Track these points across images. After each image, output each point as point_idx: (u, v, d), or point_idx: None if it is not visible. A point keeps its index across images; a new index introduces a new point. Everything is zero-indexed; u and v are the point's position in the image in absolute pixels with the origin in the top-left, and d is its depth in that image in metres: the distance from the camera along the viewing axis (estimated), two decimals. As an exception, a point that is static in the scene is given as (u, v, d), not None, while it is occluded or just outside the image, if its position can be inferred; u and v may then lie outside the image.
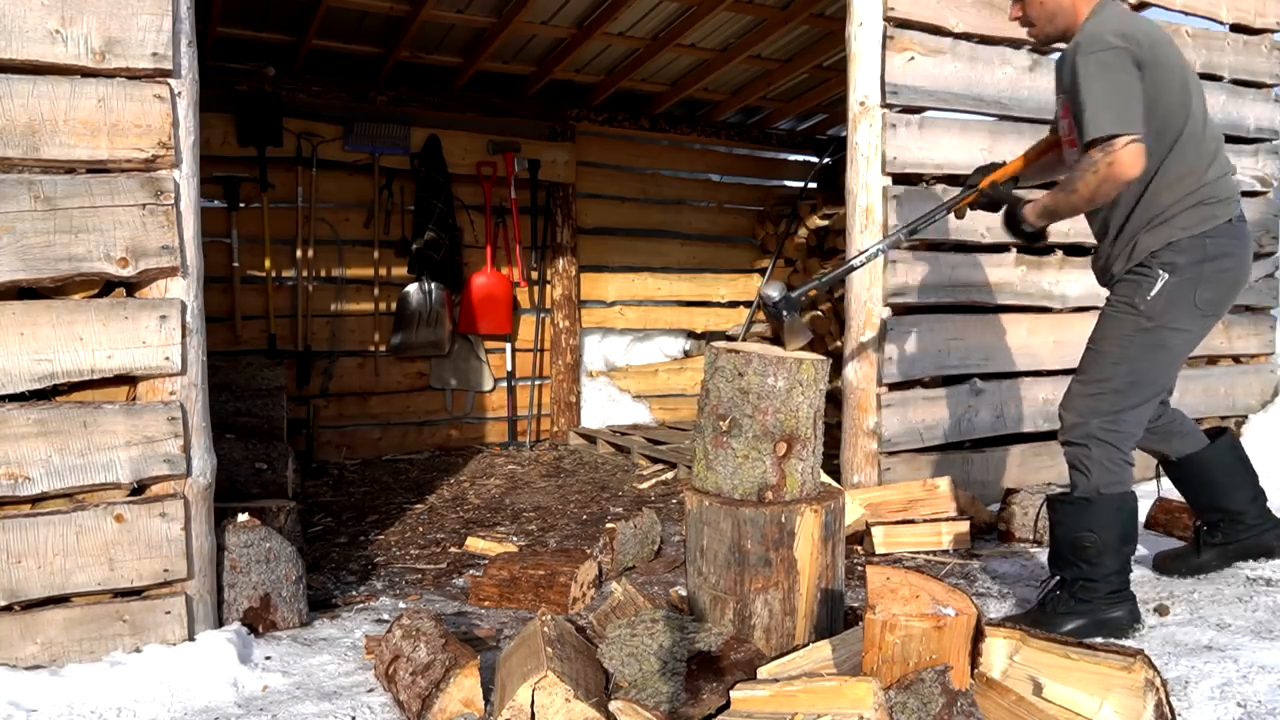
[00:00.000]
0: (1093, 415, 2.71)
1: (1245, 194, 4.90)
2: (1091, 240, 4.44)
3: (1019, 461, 4.35)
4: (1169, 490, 3.38)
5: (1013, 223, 2.84)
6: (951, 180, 4.15)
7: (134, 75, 2.50)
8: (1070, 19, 2.72)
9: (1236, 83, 4.79)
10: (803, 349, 2.61)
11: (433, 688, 2.19)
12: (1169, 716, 1.91)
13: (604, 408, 6.80)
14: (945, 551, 3.59)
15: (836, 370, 4.01)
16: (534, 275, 6.55)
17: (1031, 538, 3.66)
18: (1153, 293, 2.64)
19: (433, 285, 6.03)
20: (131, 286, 2.59)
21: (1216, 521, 3.15)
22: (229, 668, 2.49)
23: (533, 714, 2.02)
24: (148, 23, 2.49)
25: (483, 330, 6.24)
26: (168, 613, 2.60)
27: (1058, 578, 2.77)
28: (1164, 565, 3.24)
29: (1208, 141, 2.70)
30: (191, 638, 2.62)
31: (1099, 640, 2.30)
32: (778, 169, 7.60)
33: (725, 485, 2.35)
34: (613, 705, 2.04)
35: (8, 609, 2.46)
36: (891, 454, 4.02)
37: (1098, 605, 2.70)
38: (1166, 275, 2.64)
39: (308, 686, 2.47)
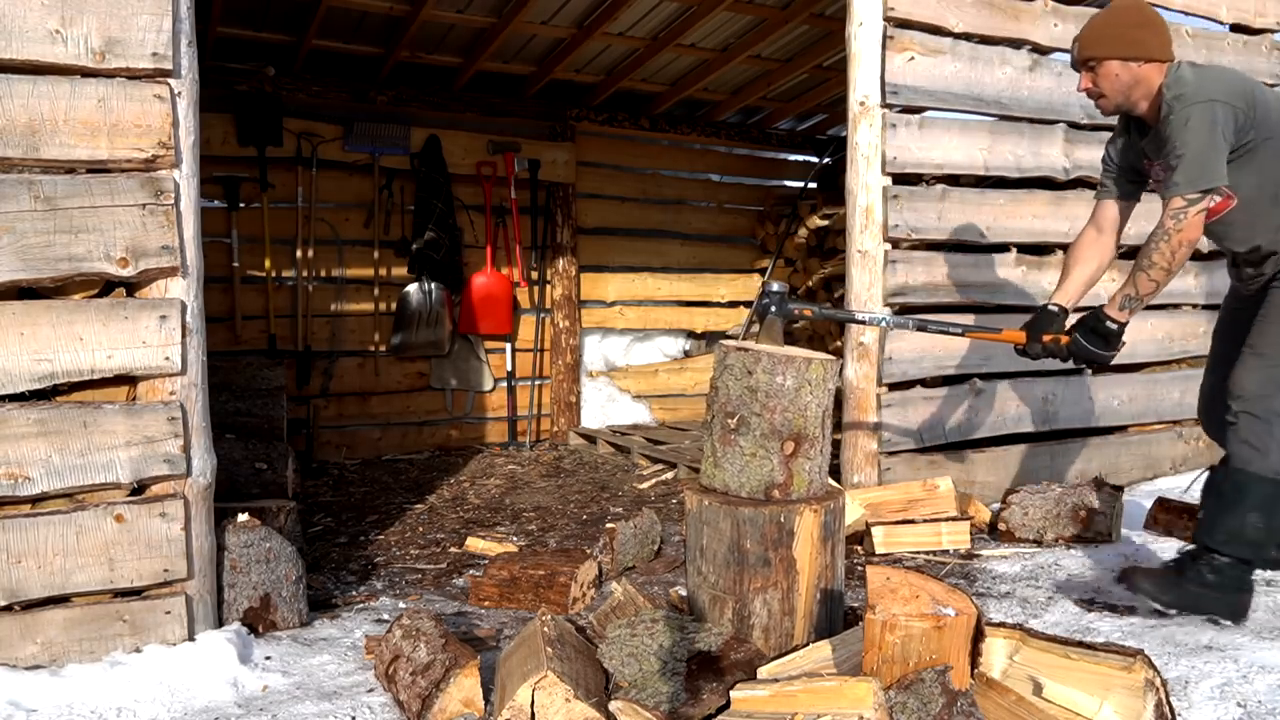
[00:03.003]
0: (1274, 388, 2.70)
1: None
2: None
3: (1019, 461, 4.35)
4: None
5: (1099, 334, 2.83)
6: (952, 180, 4.15)
7: (134, 75, 2.50)
8: (1147, 88, 2.78)
9: (1236, 83, 4.79)
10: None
11: (433, 688, 2.19)
12: (1169, 716, 1.91)
13: (604, 408, 6.80)
14: (945, 551, 3.59)
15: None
16: (534, 275, 6.55)
17: (1031, 538, 3.66)
18: None
19: (433, 285, 6.03)
20: (131, 286, 2.59)
21: None
22: (229, 668, 2.49)
23: (533, 714, 2.02)
24: (148, 23, 2.49)
25: (483, 330, 6.24)
26: (168, 613, 2.60)
27: (1204, 547, 2.77)
28: None
29: None
30: (191, 638, 2.62)
31: (1099, 640, 2.30)
32: (778, 169, 7.60)
33: (732, 483, 2.35)
34: (613, 705, 2.04)
35: (8, 609, 2.46)
36: (891, 454, 4.02)
37: (1229, 587, 2.71)
38: None
39: (308, 686, 2.47)
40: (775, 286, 2.83)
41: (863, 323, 3.17)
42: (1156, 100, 2.77)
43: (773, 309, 2.80)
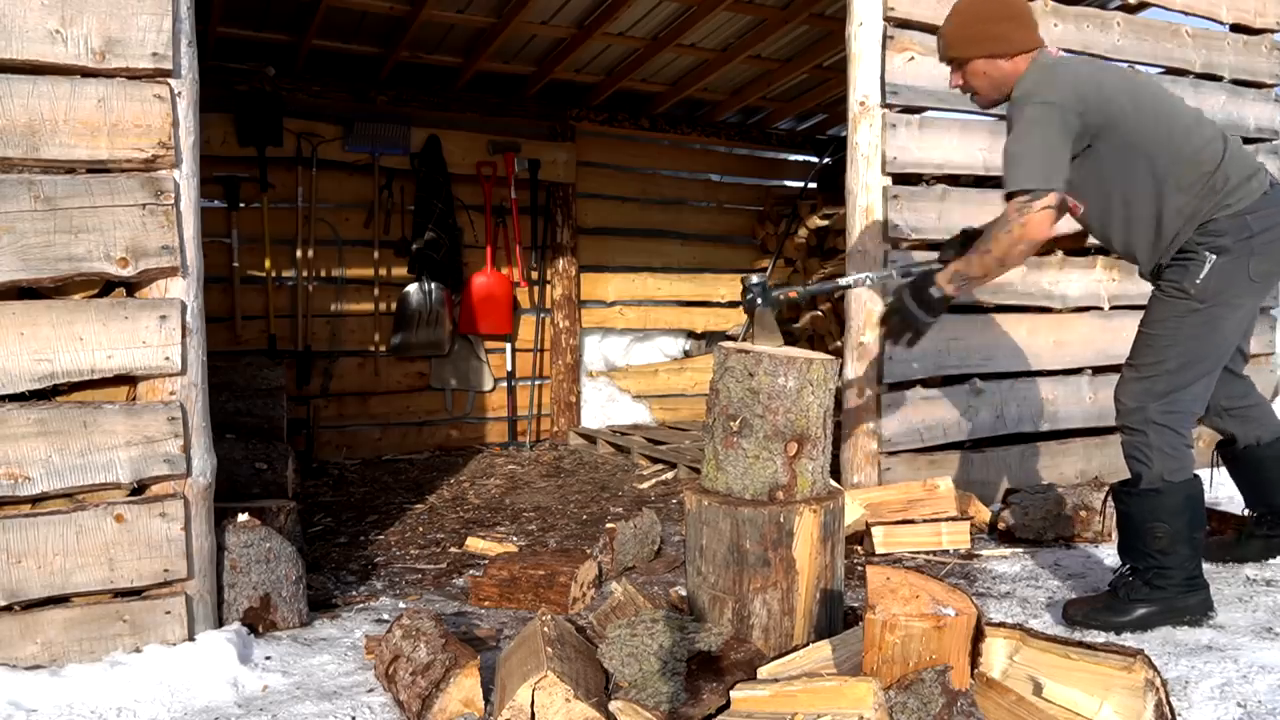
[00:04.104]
0: (1149, 399, 2.69)
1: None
2: (1094, 240, 4.47)
3: (1019, 461, 4.35)
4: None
5: (922, 298, 2.79)
6: (952, 180, 4.15)
7: (134, 75, 2.50)
8: (1013, 83, 2.73)
9: (1236, 83, 4.79)
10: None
11: (433, 688, 2.19)
12: (1169, 716, 1.91)
13: (604, 408, 6.80)
14: (945, 551, 3.59)
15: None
16: (534, 275, 6.55)
17: (1031, 538, 3.66)
18: (1202, 275, 2.63)
19: (433, 285, 6.03)
20: (131, 286, 2.59)
21: (1264, 516, 3.18)
22: (229, 668, 2.49)
23: (533, 714, 2.02)
24: (148, 23, 2.49)
25: (483, 330, 6.24)
26: (168, 613, 2.60)
27: (1130, 565, 2.77)
28: (1207, 551, 3.24)
29: (1201, 133, 2.69)
30: (191, 638, 2.62)
31: (1099, 640, 2.30)
32: (778, 169, 7.60)
33: (736, 486, 2.35)
34: (613, 705, 2.04)
35: (8, 609, 2.46)
36: (891, 454, 4.02)
37: (1172, 593, 2.71)
38: (1215, 256, 2.62)
39: (308, 686, 2.47)
40: (754, 279, 2.85)
41: (846, 287, 3.15)
42: None
43: (758, 301, 2.80)
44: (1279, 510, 3.16)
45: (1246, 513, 3.25)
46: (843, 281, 3.15)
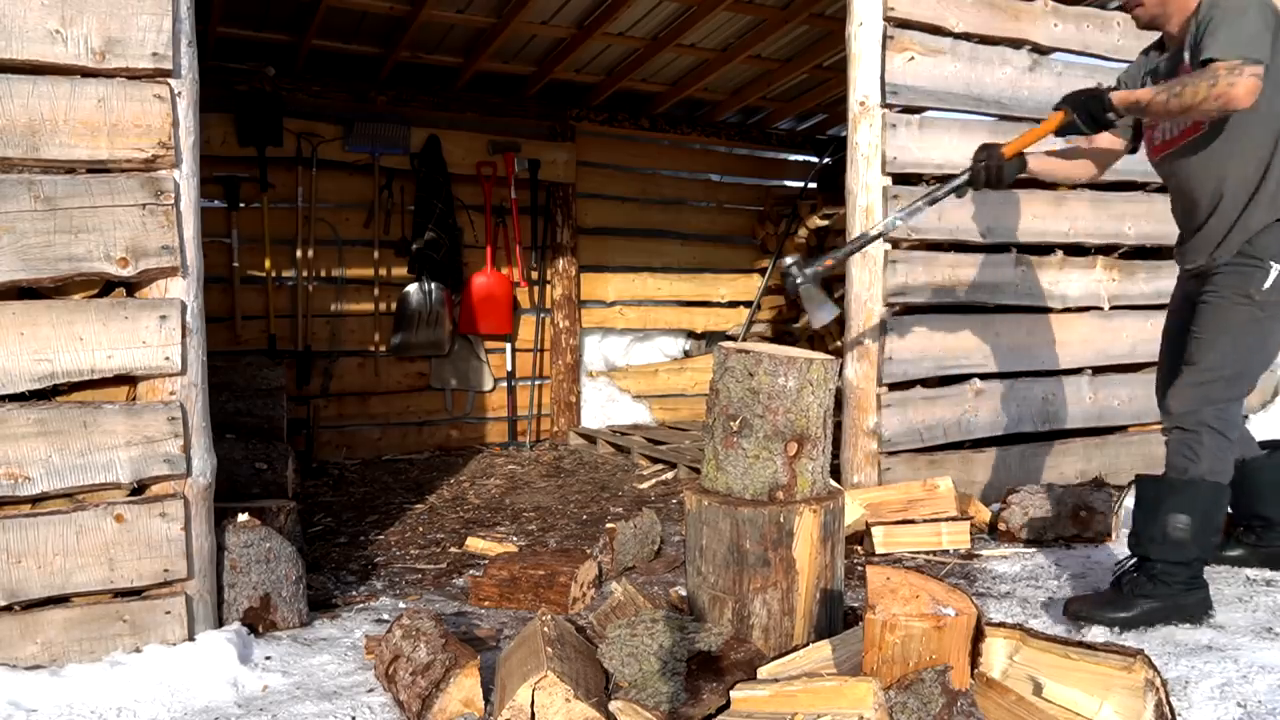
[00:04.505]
0: (1205, 404, 2.70)
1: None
2: (1090, 241, 4.48)
3: (1019, 461, 4.35)
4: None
5: (1095, 105, 2.75)
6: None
7: (134, 75, 2.50)
8: (1183, 4, 2.67)
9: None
10: (829, 325, 2.73)
11: (433, 688, 2.19)
12: (1169, 716, 1.91)
13: (604, 408, 6.80)
14: (945, 551, 3.59)
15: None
16: (534, 275, 6.55)
17: (1031, 538, 3.66)
18: (1268, 284, 2.64)
19: (433, 285, 6.03)
20: (131, 286, 2.59)
21: (1252, 525, 3.21)
22: (229, 668, 2.49)
23: (533, 714, 2.02)
24: (148, 23, 2.49)
25: (483, 330, 6.24)
26: (168, 613, 2.60)
27: (1135, 559, 2.77)
28: None
29: None
30: (191, 638, 2.62)
31: (1099, 640, 2.30)
32: (778, 169, 7.60)
33: (736, 486, 2.35)
34: (613, 705, 2.04)
35: (8, 609, 2.46)
36: (891, 454, 4.02)
37: (1176, 590, 2.71)
38: (1279, 267, 2.63)
39: (308, 686, 2.47)
40: (788, 261, 2.97)
41: (876, 236, 3.33)
42: (1187, 22, 2.66)
43: (799, 282, 2.88)
44: (1267, 520, 3.19)
45: (1236, 524, 3.28)
46: (873, 232, 3.31)
